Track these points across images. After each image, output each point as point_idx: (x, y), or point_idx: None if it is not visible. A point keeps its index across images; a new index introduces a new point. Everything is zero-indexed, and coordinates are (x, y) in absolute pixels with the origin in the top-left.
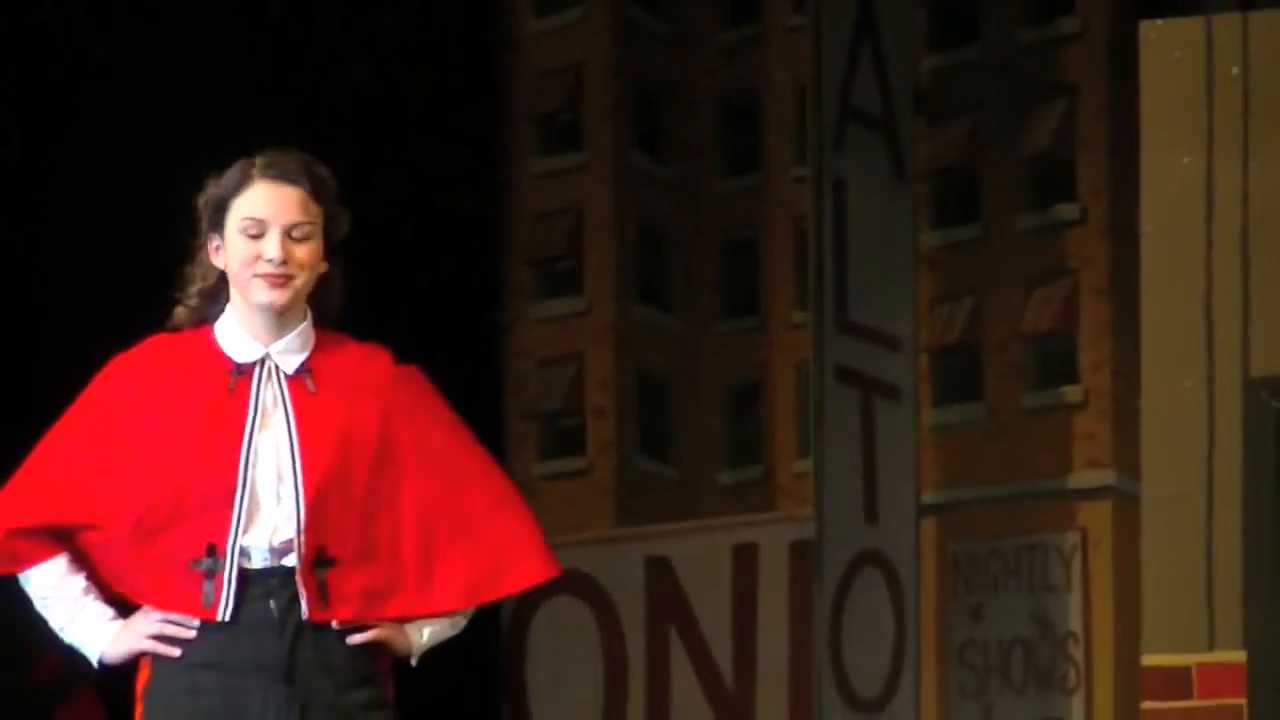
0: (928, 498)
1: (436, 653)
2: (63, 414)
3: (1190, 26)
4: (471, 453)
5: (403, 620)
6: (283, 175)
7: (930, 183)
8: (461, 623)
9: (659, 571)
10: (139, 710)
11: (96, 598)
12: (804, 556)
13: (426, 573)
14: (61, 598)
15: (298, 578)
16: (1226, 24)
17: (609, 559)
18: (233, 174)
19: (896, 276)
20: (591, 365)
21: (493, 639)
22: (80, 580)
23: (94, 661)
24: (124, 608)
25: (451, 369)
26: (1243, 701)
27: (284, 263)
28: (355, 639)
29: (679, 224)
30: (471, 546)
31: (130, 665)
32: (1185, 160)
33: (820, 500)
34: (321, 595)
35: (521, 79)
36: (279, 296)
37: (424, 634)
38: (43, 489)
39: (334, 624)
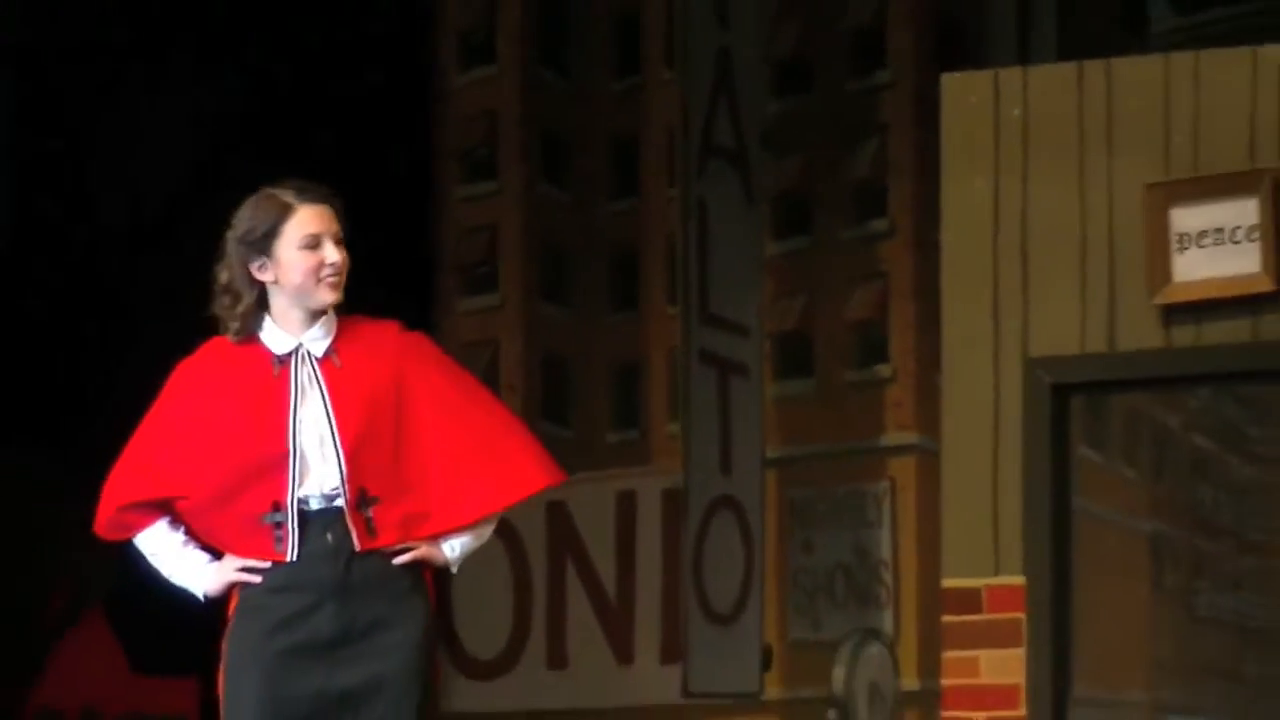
0: (770, 454)
1: None
2: (146, 412)
3: (982, 77)
4: (475, 394)
5: (437, 538)
6: (320, 198)
7: (773, 204)
8: (486, 532)
9: (557, 513)
10: (229, 625)
11: (194, 548)
12: (673, 501)
13: (452, 495)
14: (167, 553)
15: (347, 517)
16: (1010, 75)
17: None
18: (267, 208)
19: (746, 278)
20: (505, 350)
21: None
22: (180, 537)
23: (200, 596)
24: (215, 552)
25: None
26: (1022, 615)
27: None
28: (400, 560)
29: (575, 237)
30: (484, 468)
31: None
32: (978, 184)
33: (686, 456)
34: (369, 528)
35: (449, 123)
36: (339, 294)
37: (455, 548)
38: (140, 470)
39: (382, 549)
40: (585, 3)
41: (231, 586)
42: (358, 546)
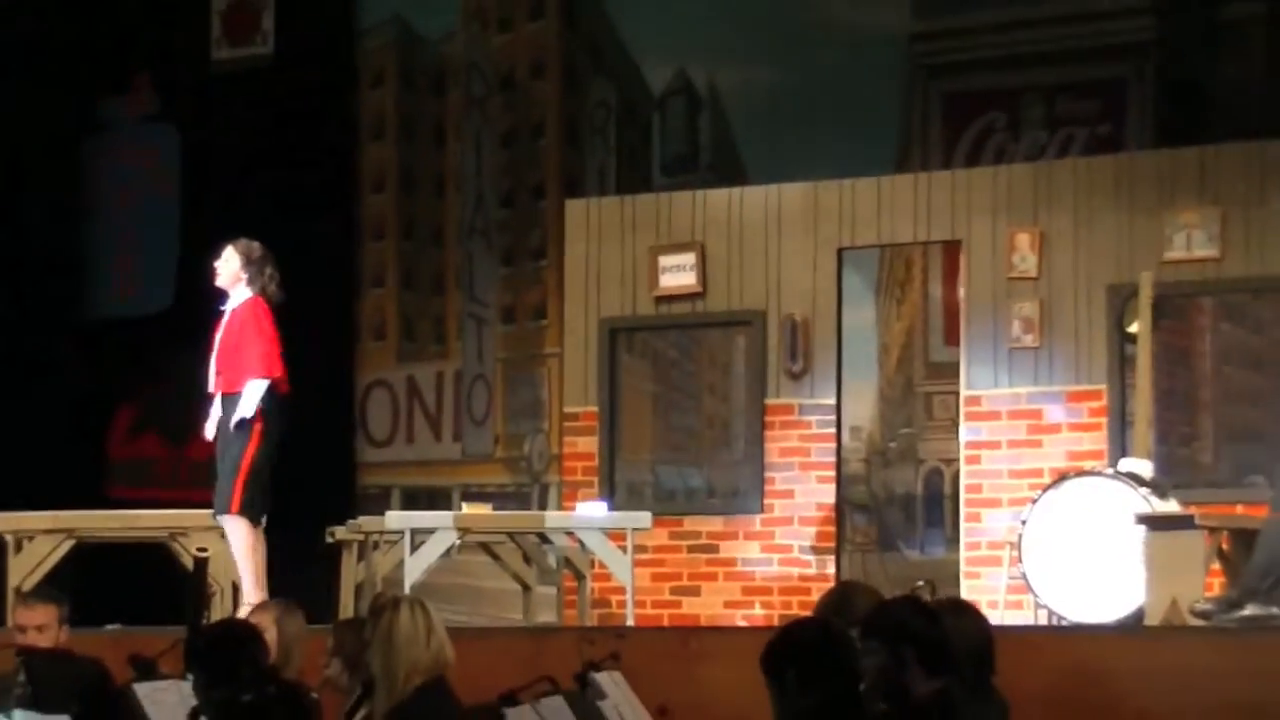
0: (498, 355)
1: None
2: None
3: (583, 202)
4: (253, 331)
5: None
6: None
7: (502, 255)
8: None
9: (410, 381)
10: None
11: None
12: (459, 375)
13: (235, 376)
14: None
15: (211, 379)
16: (595, 202)
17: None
18: None
19: (490, 285)
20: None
21: (349, 407)
22: None
23: None
24: None
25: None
26: (596, 423)
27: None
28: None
29: (416, 269)
30: (242, 364)
31: None
32: (580, 248)
33: (464, 356)
34: (215, 383)
35: (364, 231)
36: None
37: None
38: None
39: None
40: (426, 168)
41: None
42: (211, 389)
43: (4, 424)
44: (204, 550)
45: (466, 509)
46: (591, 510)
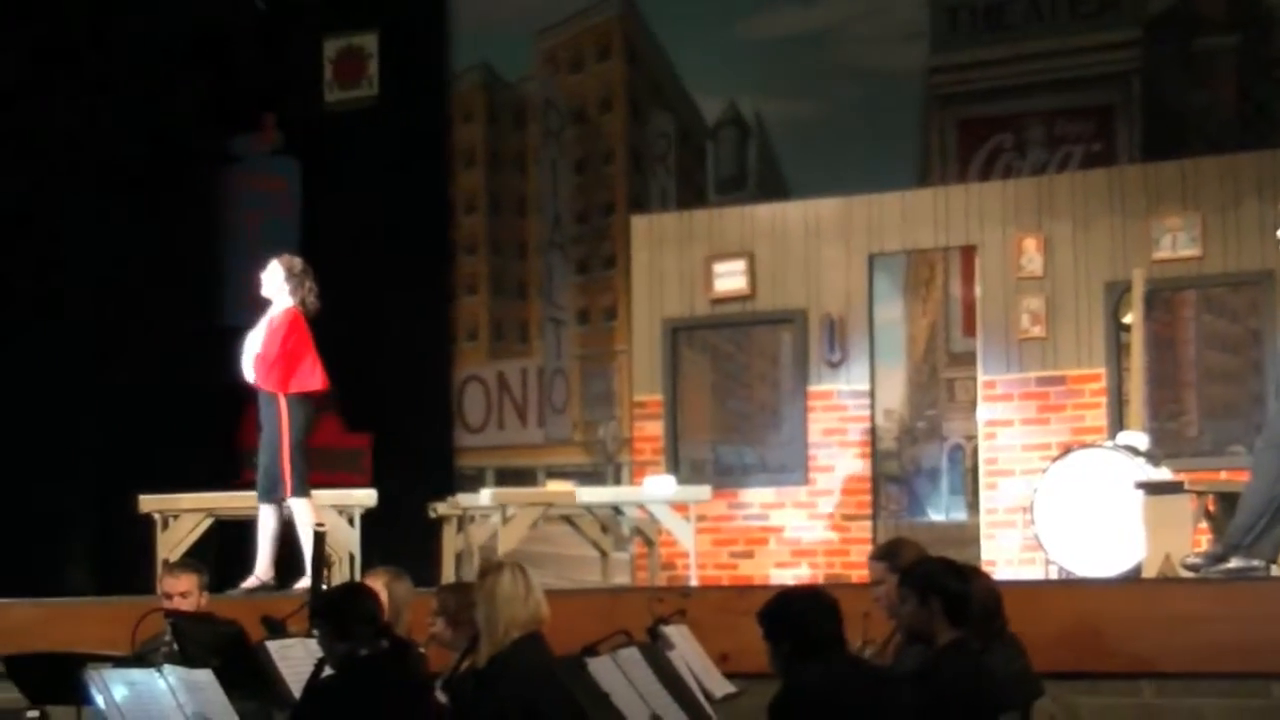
0: (574, 353)
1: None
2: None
3: (647, 219)
4: (278, 343)
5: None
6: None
7: (576, 270)
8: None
9: (500, 376)
10: None
11: None
12: (540, 370)
13: (263, 379)
14: None
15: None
16: (659, 218)
17: None
18: None
19: (563, 294)
20: (480, 313)
21: (447, 399)
22: None
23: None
24: None
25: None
26: (661, 409)
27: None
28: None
29: (503, 279)
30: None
31: None
32: (645, 256)
33: (546, 354)
34: (254, 378)
35: (457, 250)
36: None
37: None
38: None
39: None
40: (510, 192)
41: None
42: (246, 378)
43: (154, 417)
44: (322, 525)
45: (551, 486)
46: (659, 485)
